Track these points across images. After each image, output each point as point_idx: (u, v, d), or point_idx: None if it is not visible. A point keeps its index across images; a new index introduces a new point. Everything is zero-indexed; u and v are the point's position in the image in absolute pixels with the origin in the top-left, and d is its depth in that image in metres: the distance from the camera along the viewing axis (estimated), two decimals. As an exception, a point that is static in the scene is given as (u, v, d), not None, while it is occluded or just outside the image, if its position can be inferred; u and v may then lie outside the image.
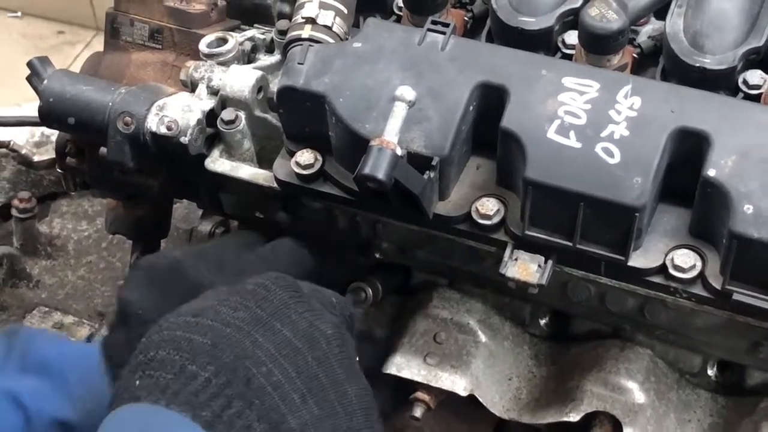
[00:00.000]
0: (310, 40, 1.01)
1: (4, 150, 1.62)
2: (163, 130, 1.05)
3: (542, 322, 1.13)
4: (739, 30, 1.02)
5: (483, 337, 1.10)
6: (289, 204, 1.09)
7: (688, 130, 0.91)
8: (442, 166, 0.94)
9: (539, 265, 0.95)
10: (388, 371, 1.08)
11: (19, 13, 3.66)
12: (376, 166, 0.89)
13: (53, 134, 1.41)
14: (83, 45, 3.60)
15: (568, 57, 1.05)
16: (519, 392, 1.10)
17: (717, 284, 0.91)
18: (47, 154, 1.61)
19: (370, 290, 1.12)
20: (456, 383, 1.06)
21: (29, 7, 3.61)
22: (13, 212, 1.55)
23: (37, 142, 1.65)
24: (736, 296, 0.90)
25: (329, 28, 1.02)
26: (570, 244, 0.93)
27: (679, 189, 0.93)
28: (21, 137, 1.65)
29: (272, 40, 1.14)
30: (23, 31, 3.64)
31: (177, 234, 1.56)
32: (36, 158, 1.61)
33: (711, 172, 0.89)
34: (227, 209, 1.16)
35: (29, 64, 1.12)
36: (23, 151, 1.62)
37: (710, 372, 1.09)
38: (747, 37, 1.01)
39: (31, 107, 1.78)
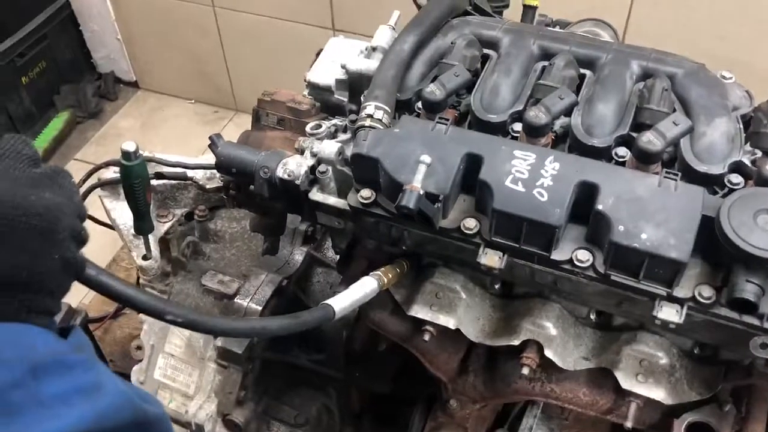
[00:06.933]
0: (370, 126, 1.00)
1: (190, 181, 1.61)
2: (286, 176, 1.04)
3: (497, 287, 1.12)
4: (613, 124, 1.00)
5: (463, 295, 1.09)
6: (355, 218, 1.08)
7: (586, 182, 0.90)
8: (444, 200, 0.94)
9: (499, 257, 0.94)
10: (410, 313, 1.07)
11: (192, 100, 3.65)
12: (408, 200, 0.89)
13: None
14: (227, 120, 3.59)
15: (515, 138, 1.04)
16: (484, 327, 1.09)
17: (602, 270, 0.90)
18: (214, 183, 1.59)
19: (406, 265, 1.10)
20: (449, 322, 1.05)
21: (198, 96, 3.60)
22: (195, 217, 1.54)
23: (209, 177, 1.62)
24: (613, 277, 0.89)
25: (380, 120, 1.01)
26: (517, 245, 0.92)
27: (580, 215, 0.92)
28: (199, 174, 1.63)
29: (346, 126, 1.14)
30: (194, 111, 3.63)
31: (287, 231, 1.55)
32: (208, 186, 1.59)
33: (600, 206, 0.88)
34: (319, 220, 1.15)
35: (210, 138, 1.10)
36: (200, 182, 1.61)
37: (592, 317, 1.08)
38: (617, 127, 1.00)
39: (203, 158, 1.77)
